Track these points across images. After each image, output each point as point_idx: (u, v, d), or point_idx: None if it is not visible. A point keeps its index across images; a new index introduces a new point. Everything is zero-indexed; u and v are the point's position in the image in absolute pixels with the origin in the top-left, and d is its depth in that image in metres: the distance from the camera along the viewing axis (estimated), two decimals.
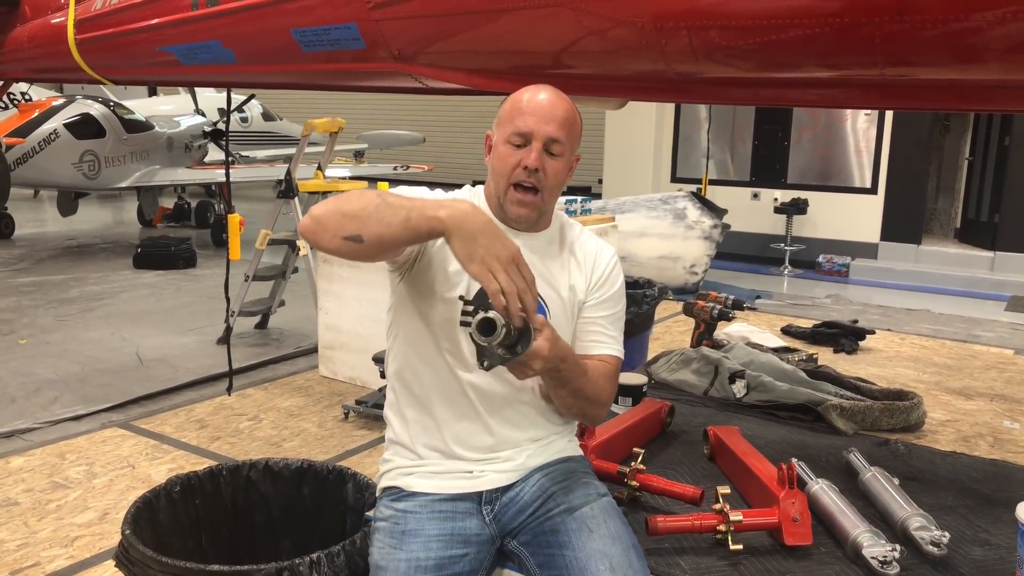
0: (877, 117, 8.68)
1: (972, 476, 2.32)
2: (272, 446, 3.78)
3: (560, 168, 1.67)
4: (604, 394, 1.72)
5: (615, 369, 1.77)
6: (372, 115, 14.81)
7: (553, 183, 1.67)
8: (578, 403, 1.69)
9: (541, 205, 1.69)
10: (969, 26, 1.76)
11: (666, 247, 7.26)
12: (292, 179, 5.26)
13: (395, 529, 1.65)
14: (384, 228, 1.46)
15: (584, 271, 1.77)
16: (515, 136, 1.65)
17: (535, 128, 1.63)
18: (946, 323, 6.22)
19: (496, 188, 1.70)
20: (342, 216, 1.48)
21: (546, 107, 1.65)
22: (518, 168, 1.64)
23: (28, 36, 4.60)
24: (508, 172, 1.65)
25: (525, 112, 1.65)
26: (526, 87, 1.70)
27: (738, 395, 2.91)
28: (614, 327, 1.78)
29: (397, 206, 1.46)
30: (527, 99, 1.67)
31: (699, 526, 1.81)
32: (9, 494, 3.25)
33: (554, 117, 1.64)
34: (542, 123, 1.63)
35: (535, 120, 1.64)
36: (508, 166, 1.65)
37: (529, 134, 1.63)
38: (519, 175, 1.64)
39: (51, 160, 8.77)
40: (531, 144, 1.63)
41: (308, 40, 3.00)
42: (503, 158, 1.66)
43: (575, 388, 1.64)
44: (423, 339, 1.70)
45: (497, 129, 1.70)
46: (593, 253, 1.79)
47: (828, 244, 8.86)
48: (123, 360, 5.11)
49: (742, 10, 1.98)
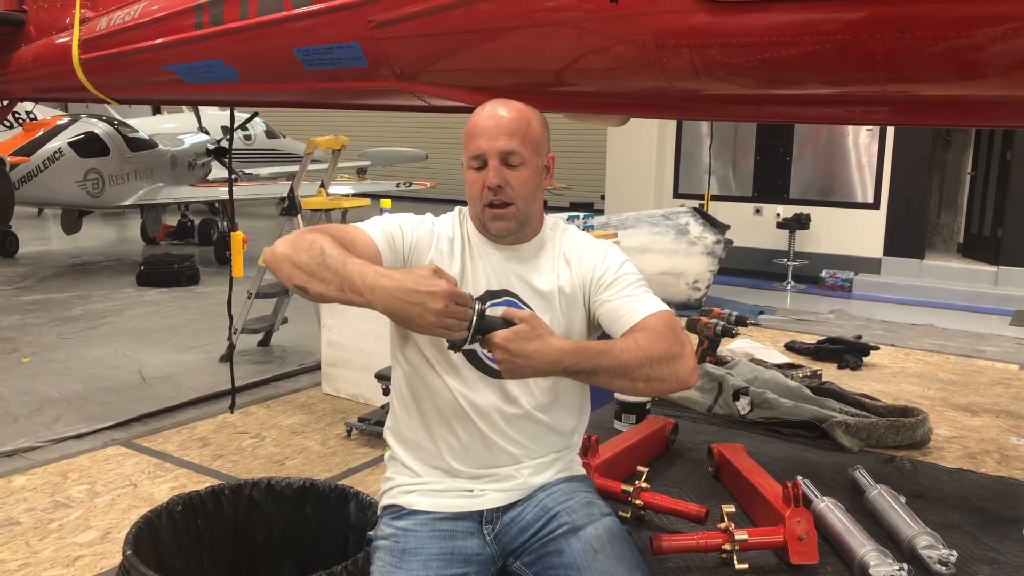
0: (879, 132, 8.69)
1: (979, 493, 2.30)
2: (275, 464, 3.76)
3: (525, 176, 1.67)
4: (659, 349, 1.52)
5: (662, 321, 1.59)
6: (375, 133, 14.88)
7: (523, 192, 1.67)
8: (634, 381, 1.53)
9: (518, 215, 1.68)
10: (971, 42, 1.76)
11: (669, 263, 7.26)
12: (295, 196, 5.28)
13: (395, 548, 1.63)
14: (324, 288, 1.49)
15: (579, 269, 1.73)
16: (473, 160, 1.68)
17: (486, 147, 1.65)
18: (950, 338, 6.20)
19: (473, 211, 1.73)
20: (292, 265, 1.51)
21: (493, 123, 1.66)
22: (484, 190, 1.66)
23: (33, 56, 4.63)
24: (477, 196, 1.68)
25: (476, 135, 1.67)
26: (488, 104, 1.71)
27: (742, 412, 2.90)
28: (637, 293, 1.68)
29: (334, 271, 1.48)
30: (476, 121, 1.69)
31: (704, 545, 1.79)
32: (11, 513, 3.23)
33: (502, 130, 1.65)
34: (492, 140, 1.65)
35: (485, 139, 1.65)
36: (476, 190, 1.68)
37: (483, 155, 1.66)
38: (487, 196, 1.66)
39: (55, 178, 8.81)
40: (488, 164, 1.65)
41: (311, 59, 3.01)
42: (470, 184, 1.69)
43: (610, 369, 1.50)
44: (419, 357, 1.71)
45: (463, 153, 1.72)
46: (584, 250, 1.75)
47: (831, 259, 8.85)
48: (126, 378, 5.10)
49: (743, 28, 1.99)
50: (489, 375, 1.66)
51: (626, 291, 1.68)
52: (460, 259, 1.72)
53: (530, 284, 1.71)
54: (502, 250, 1.72)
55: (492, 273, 1.71)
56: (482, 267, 1.72)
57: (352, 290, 1.46)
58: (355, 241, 1.63)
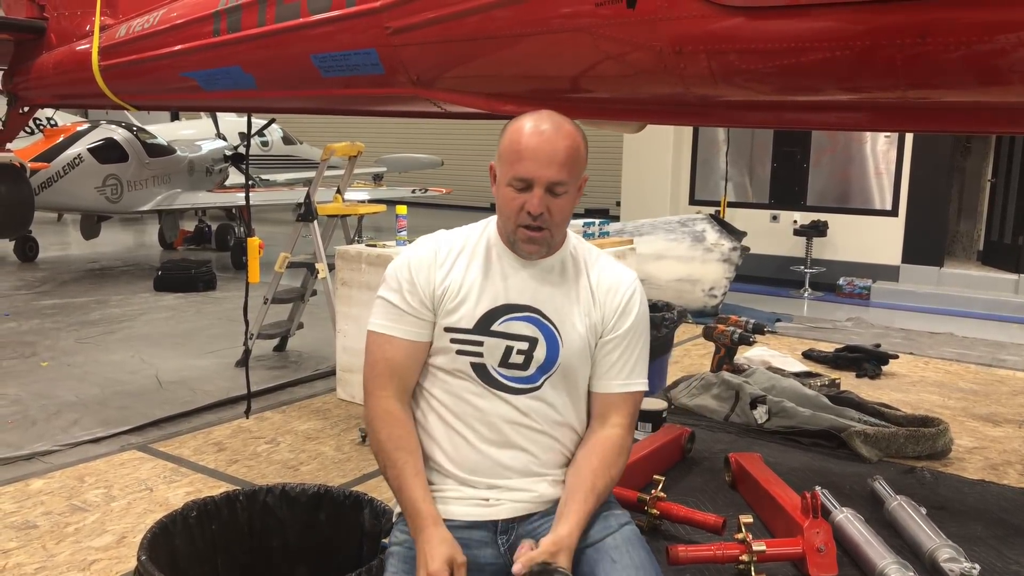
0: (897, 139, 8.62)
1: (1002, 505, 2.26)
2: (289, 469, 3.76)
3: (565, 205, 1.65)
4: (620, 470, 1.71)
5: (635, 406, 1.75)
6: (391, 139, 14.93)
7: (560, 219, 1.66)
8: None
9: (550, 239, 1.68)
10: (992, 48, 1.74)
11: (685, 270, 7.23)
12: (311, 202, 5.29)
13: (408, 555, 1.63)
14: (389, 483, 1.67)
15: (601, 303, 1.73)
16: (516, 181, 1.62)
17: (536, 174, 1.60)
18: (970, 347, 6.12)
19: (504, 227, 1.69)
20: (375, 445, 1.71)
21: (546, 150, 1.60)
22: (522, 212, 1.62)
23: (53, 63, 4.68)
24: (514, 215, 1.64)
25: (525, 157, 1.60)
26: (523, 117, 1.66)
27: (759, 421, 2.87)
28: (637, 359, 1.74)
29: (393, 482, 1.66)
30: (526, 142, 1.61)
31: (721, 556, 1.77)
32: (28, 517, 3.25)
33: (554, 160, 1.60)
34: (542, 168, 1.60)
35: (535, 166, 1.60)
36: (513, 209, 1.63)
37: (530, 181, 1.60)
38: (524, 219, 1.63)
39: (75, 184, 8.89)
40: (533, 190, 1.61)
41: (328, 66, 3.03)
42: (507, 200, 1.64)
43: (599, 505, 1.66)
44: (429, 370, 1.71)
45: (499, 165, 1.67)
46: (610, 282, 1.75)
47: (849, 267, 8.78)
48: (143, 383, 5.13)
49: (761, 34, 1.97)
50: (500, 391, 1.66)
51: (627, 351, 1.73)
52: (481, 269, 1.70)
53: (554, 303, 1.70)
54: (527, 266, 1.70)
55: (515, 287, 1.69)
56: (503, 279, 1.70)
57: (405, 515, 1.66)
58: (395, 361, 1.70)
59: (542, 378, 1.67)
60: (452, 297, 1.67)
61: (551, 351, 1.67)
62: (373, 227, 11.11)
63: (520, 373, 1.66)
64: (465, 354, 1.66)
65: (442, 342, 1.68)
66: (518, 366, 1.66)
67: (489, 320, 1.66)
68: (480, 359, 1.65)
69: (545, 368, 1.67)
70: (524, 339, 1.66)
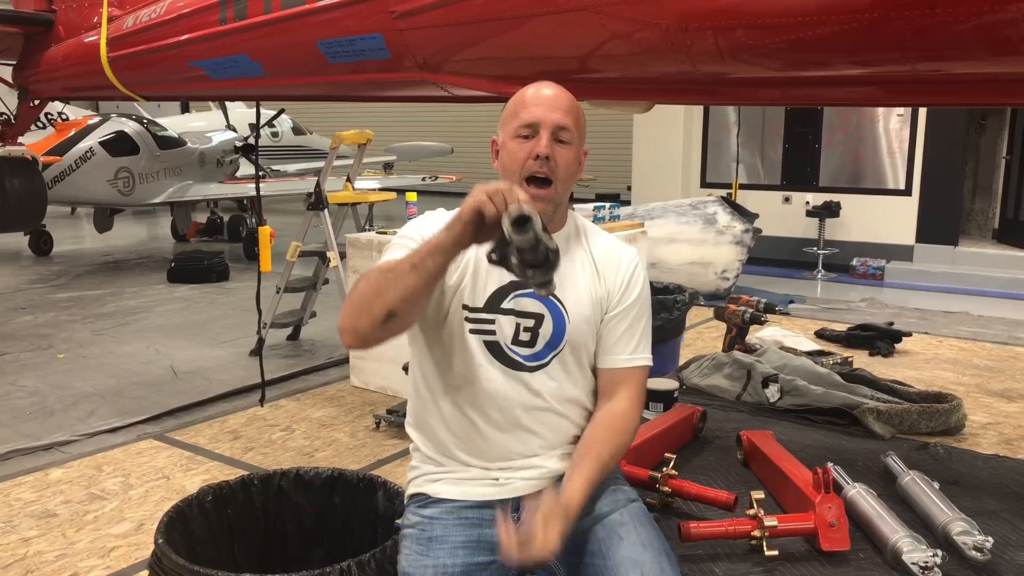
0: (910, 117, 8.54)
1: (1016, 480, 2.25)
2: (304, 456, 3.79)
3: (571, 158, 1.66)
4: (627, 440, 1.70)
5: (641, 381, 1.75)
6: (400, 127, 14.92)
7: (565, 174, 1.66)
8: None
9: (556, 197, 1.67)
10: (1004, 17, 1.72)
11: (697, 253, 7.20)
12: (322, 191, 5.30)
13: (422, 536, 1.64)
14: (403, 286, 1.45)
15: (605, 277, 1.74)
16: (522, 128, 1.64)
17: (542, 116, 1.63)
18: (986, 325, 6.08)
19: None
20: (359, 311, 1.49)
21: (551, 97, 1.66)
22: (529, 159, 1.63)
23: (62, 55, 4.69)
24: (519, 165, 1.64)
25: (530, 104, 1.65)
26: (527, 85, 1.70)
27: (771, 399, 2.87)
28: (641, 334, 1.75)
29: (393, 271, 1.47)
30: (531, 93, 1.68)
31: (733, 532, 1.78)
32: (48, 506, 3.29)
33: (559, 105, 1.65)
34: (549, 111, 1.64)
35: (542, 110, 1.64)
36: (519, 159, 1.64)
37: (536, 123, 1.63)
38: (531, 167, 1.63)
39: (87, 178, 8.93)
40: (540, 133, 1.63)
41: (334, 51, 3.02)
42: (513, 153, 1.65)
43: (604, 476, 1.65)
44: (440, 349, 1.70)
45: (502, 129, 1.70)
46: (614, 259, 1.76)
47: (862, 247, 8.72)
48: (158, 373, 5.17)
49: (768, 8, 1.96)
50: (512, 367, 1.66)
51: (632, 327, 1.73)
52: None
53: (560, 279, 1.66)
54: None
55: None
56: None
57: (419, 257, 1.45)
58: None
59: (550, 354, 1.67)
60: (462, 273, 1.66)
61: (557, 327, 1.67)
62: (384, 215, 11.13)
63: (529, 350, 1.66)
64: (478, 332, 1.66)
65: (456, 319, 1.66)
66: (526, 343, 1.66)
67: (499, 298, 1.66)
68: (493, 336, 1.65)
69: (553, 344, 1.67)
70: (531, 316, 1.66)
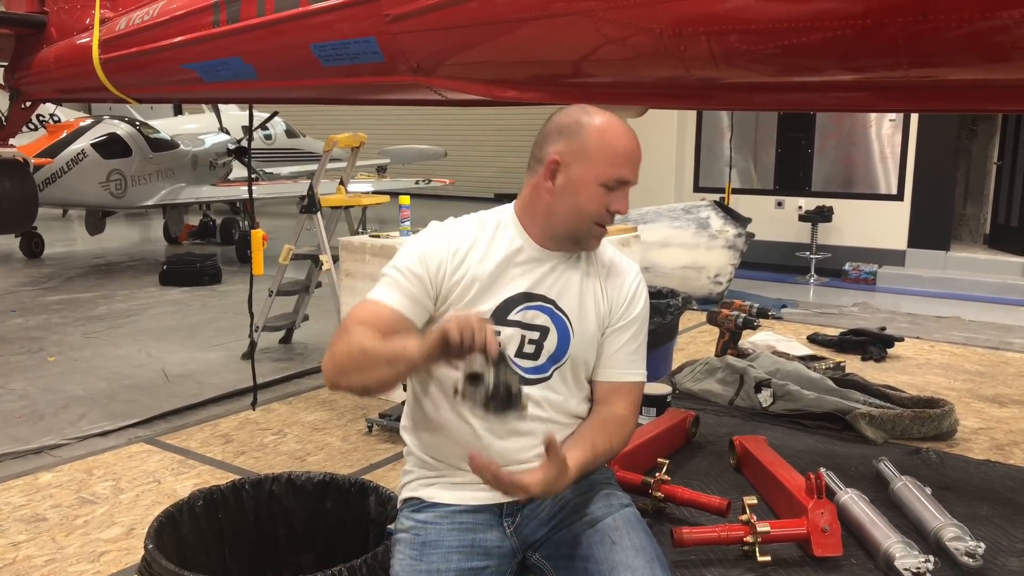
0: (902, 122, 8.58)
1: (1007, 485, 2.26)
2: (297, 460, 3.78)
3: None
4: (620, 443, 1.72)
5: (638, 394, 1.77)
6: (394, 130, 14.90)
7: None
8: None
9: None
10: (996, 24, 1.72)
11: (689, 257, 7.21)
12: (314, 194, 5.29)
13: (415, 540, 1.63)
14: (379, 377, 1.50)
15: (608, 292, 1.74)
16: (611, 182, 1.64)
17: (631, 177, 1.66)
18: (977, 330, 6.11)
19: (577, 224, 1.67)
20: (339, 372, 1.55)
21: (637, 153, 1.67)
22: (606, 212, 1.66)
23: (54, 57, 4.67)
24: (596, 214, 1.65)
25: (624, 158, 1.64)
26: (600, 115, 1.66)
27: (764, 404, 2.87)
28: (638, 349, 1.77)
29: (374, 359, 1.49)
30: (623, 144, 1.65)
31: (726, 537, 1.77)
32: (37, 510, 3.27)
33: (639, 162, 1.68)
34: (635, 171, 1.67)
35: (631, 170, 1.66)
36: (597, 208, 1.65)
37: (628, 181, 1.66)
38: (605, 218, 1.67)
39: (79, 180, 8.90)
40: (622, 189, 1.66)
41: (328, 55, 3.02)
42: (595, 199, 1.64)
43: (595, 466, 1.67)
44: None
45: (581, 163, 1.64)
46: (618, 273, 1.77)
47: (854, 252, 8.76)
48: (149, 376, 5.15)
49: (762, 14, 1.96)
50: None
51: (631, 342, 1.75)
52: (497, 261, 1.66)
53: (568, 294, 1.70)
54: (543, 258, 1.70)
55: (531, 278, 1.68)
56: (520, 270, 1.68)
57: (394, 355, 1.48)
58: (380, 316, 1.60)
59: (552, 368, 1.67)
60: (466, 290, 1.64)
61: (562, 341, 1.67)
62: (377, 219, 11.11)
63: (532, 363, 1.66)
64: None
65: None
66: (529, 355, 1.66)
67: (506, 310, 1.65)
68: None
69: (556, 358, 1.67)
70: (536, 328, 1.66)
